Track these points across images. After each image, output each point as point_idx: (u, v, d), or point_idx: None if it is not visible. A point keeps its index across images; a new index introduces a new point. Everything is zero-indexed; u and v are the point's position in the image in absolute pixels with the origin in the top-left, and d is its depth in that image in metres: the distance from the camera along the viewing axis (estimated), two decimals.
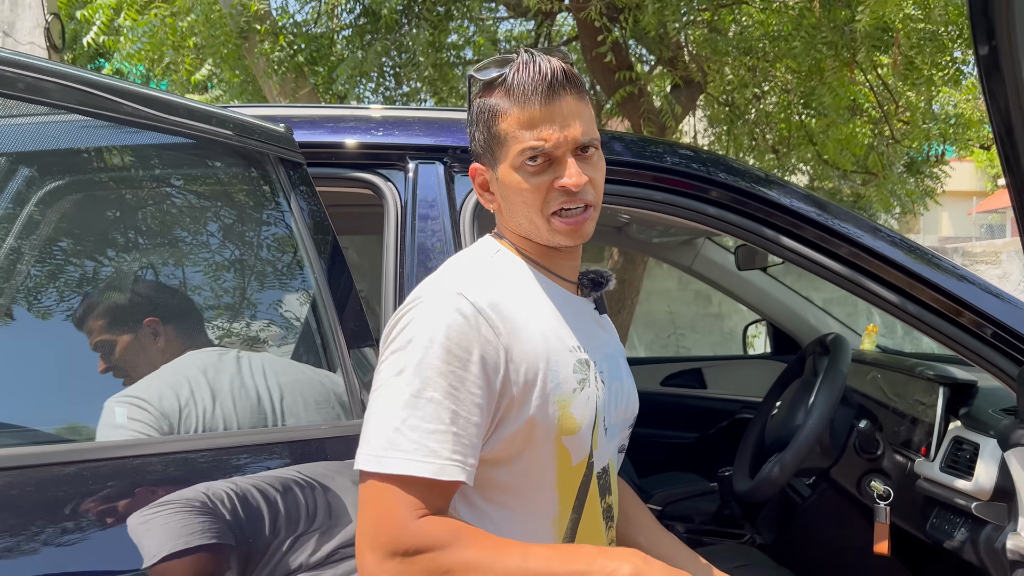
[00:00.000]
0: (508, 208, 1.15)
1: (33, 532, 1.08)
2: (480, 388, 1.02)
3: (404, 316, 1.06)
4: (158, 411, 1.31)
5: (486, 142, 1.14)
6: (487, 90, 1.13)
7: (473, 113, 1.15)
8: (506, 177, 1.12)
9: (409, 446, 0.98)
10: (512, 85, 1.09)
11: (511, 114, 1.10)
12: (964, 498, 1.72)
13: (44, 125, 1.28)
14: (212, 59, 4.93)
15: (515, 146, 1.09)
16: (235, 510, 1.24)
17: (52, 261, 1.36)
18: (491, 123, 1.12)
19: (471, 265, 1.15)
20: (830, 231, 1.66)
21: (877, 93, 5.09)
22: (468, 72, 1.15)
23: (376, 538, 0.98)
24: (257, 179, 1.53)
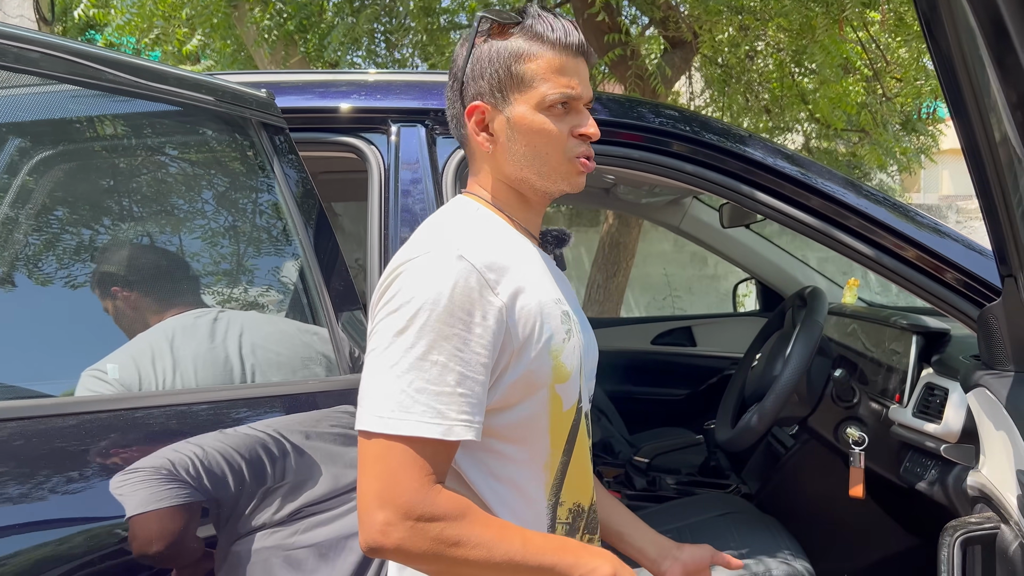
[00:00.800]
0: (515, 150, 1.16)
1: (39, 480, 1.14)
2: (484, 348, 1.05)
3: (401, 276, 1.07)
4: (117, 382, 1.33)
5: (501, 81, 1.14)
6: (502, 32, 1.15)
7: (484, 52, 1.15)
8: (525, 118, 1.14)
9: (417, 408, 1.01)
10: (542, 32, 1.13)
11: (543, 57, 1.13)
12: (934, 441, 1.78)
13: (23, 96, 1.32)
14: (202, 28, 4.92)
15: (545, 88, 1.13)
16: (204, 466, 1.29)
17: (46, 229, 1.41)
18: (514, 62, 1.13)
19: (461, 224, 1.16)
20: (806, 186, 1.70)
21: (868, 50, 5.08)
22: (479, 13, 1.16)
23: (389, 499, 1.01)
24: (239, 144, 1.57)
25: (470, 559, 1.01)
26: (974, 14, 0.87)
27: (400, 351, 1.02)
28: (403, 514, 1.00)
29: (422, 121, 1.75)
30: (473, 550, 1.01)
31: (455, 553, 1.01)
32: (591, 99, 1.18)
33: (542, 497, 1.16)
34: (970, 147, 1.26)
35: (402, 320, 1.03)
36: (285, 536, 1.35)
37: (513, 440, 1.13)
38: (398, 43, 5.31)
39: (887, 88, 5.49)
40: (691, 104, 6.87)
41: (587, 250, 7.61)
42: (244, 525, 1.31)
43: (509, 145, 1.16)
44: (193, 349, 1.43)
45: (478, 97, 1.16)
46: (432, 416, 1.01)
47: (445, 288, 1.03)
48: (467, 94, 1.17)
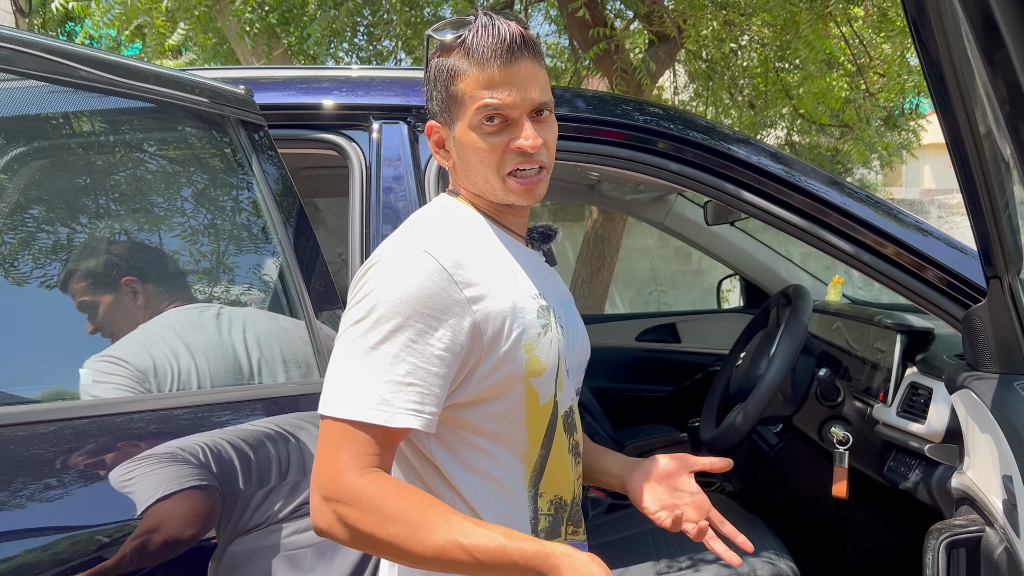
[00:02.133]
0: (464, 166, 1.17)
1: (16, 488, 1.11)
2: (442, 340, 1.05)
3: (367, 272, 1.09)
4: (135, 368, 1.34)
5: (444, 101, 1.16)
6: (445, 51, 1.15)
7: (431, 72, 1.17)
8: (463, 136, 1.14)
9: (363, 395, 1.03)
10: (472, 47, 1.11)
11: (470, 75, 1.12)
12: (918, 441, 1.78)
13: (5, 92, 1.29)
14: (184, 21, 4.86)
15: (473, 105, 1.12)
16: (214, 462, 1.28)
17: (23, 228, 1.38)
18: (449, 83, 1.14)
19: (433, 221, 1.17)
20: (789, 185, 1.69)
21: (852, 46, 5.10)
22: (425, 32, 1.17)
23: (318, 480, 1.03)
24: (218, 142, 1.55)
25: (397, 545, 1.01)
26: (964, 9, 0.86)
27: (354, 340, 1.05)
28: (325, 496, 1.03)
29: (404, 118, 1.73)
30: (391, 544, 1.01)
31: (375, 542, 1.01)
32: (539, 101, 1.13)
33: (521, 489, 1.16)
34: (955, 140, 1.26)
35: (361, 311, 1.06)
36: (285, 535, 1.34)
37: (489, 434, 1.14)
38: (381, 36, 5.26)
39: (870, 83, 5.51)
40: (675, 98, 6.87)
41: (571, 245, 7.60)
42: (245, 523, 1.30)
43: (459, 162, 1.18)
44: (203, 340, 1.44)
45: (433, 116, 1.19)
46: (376, 403, 1.03)
47: (406, 281, 1.05)
48: (428, 113, 1.19)
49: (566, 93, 1.90)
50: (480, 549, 1.00)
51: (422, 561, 1.02)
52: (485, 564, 1.01)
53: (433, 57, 1.16)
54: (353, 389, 1.04)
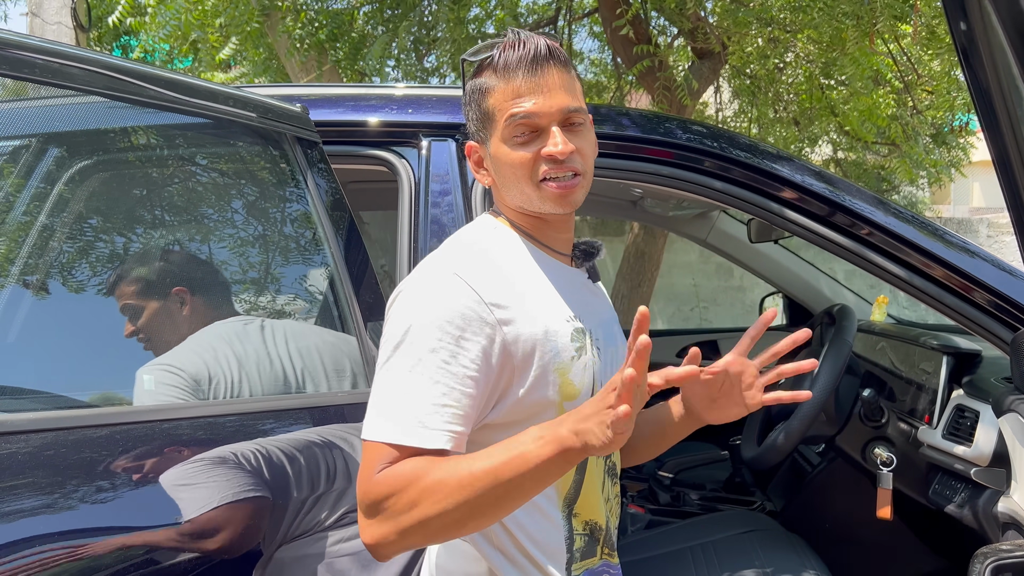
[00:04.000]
0: (501, 181, 1.19)
1: (70, 489, 1.16)
2: (474, 362, 1.07)
3: (400, 296, 1.12)
4: (189, 376, 1.39)
5: (479, 120, 1.19)
6: (478, 71, 1.18)
7: (466, 94, 1.21)
8: (497, 150, 1.16)
9: (401, 417, 1.04)
10: (499, 63, 1.14)
11: (498, 89, 1.14)
12: (964, 464, 1.76)
13: (71, 107, 1.35)
14: (236, 36, 4.98)
15: (502, 118, 1.14)
16: (262, 469, 1.32)
17: (82, 237, 1.44)
18: (480, 100, 1.17)
19: (468, 243, 1.19)
20: (834, 204, 1.69)
21: (899, 63, 5.04)
22: (461, 58, 1.20)
23: (361, 499, 1.05)
24: (275, 158, 1.60)
25: (439, 509, 0.99)
26: (1009, 41, 0.87)
27: (393, 365, 1.07)
28: (365, 509, 1.04)
29: (452, 135, 1.76)
30: (433, 500, 0.99)
31: (420, 514, 1.00)
32: (568, 108, 1.14)
33: (555, 509, 1.17)
34: (1002, 161, 1.26)
35: (396, 335, 1.08)
36: (329, 543, 1.37)
37: None
38: (428, 52, 5.34)
39: (918, 101, 5.44)
40: (719, 115, 6.85)
41: (612, 260, 7.59)
42: (290, 530, 1.33)
43: (496, 178, 1.20)
44: (253, 351, 1.48)
45: (472, 136, 1.22)
46: (414, 426, 1.04)
47: (437, 304, 1.07)
48: (468, 133, 1.23)
49: (610, 111, 1.93)
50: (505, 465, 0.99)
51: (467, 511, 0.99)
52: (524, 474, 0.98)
53: (469, 79, 1.20)
54: (391, 413, 1.05)
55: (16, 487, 1.08)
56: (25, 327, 1.30)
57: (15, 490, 1.08)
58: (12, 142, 1.42)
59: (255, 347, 1.49)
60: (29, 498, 1.10)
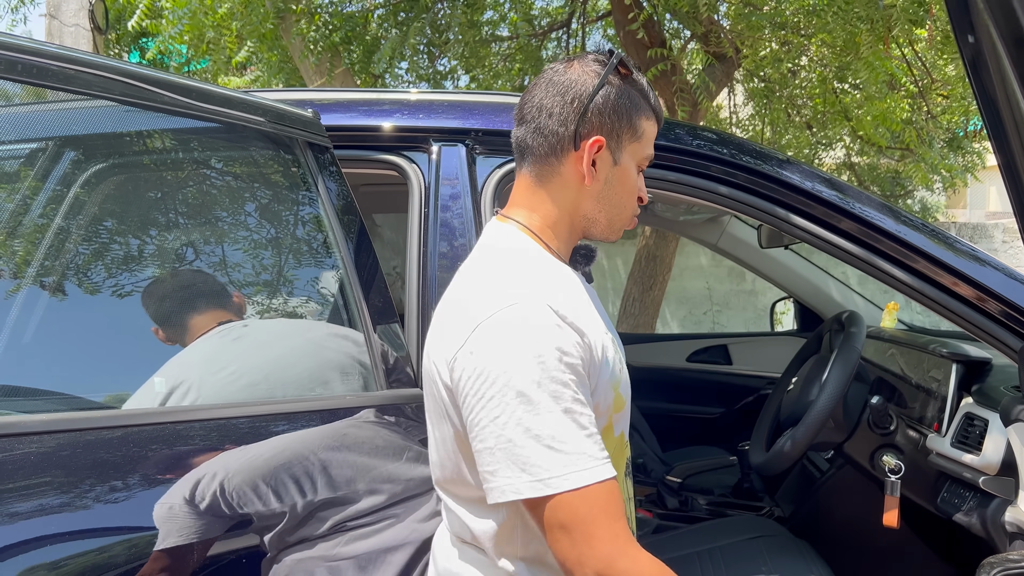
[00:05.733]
0: (605, 192, 1.19)
1: (84, 489, 1.18)
2: (585, 387, 1.06)
3: (497, 330, 1.04)
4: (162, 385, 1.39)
5: (623, 122, 1.17)
6: (628, 80, 1.19)
7: (614, 93, 1.16)
8: (628, 170, 1.20)
9: (575, 460, 1.00)
10: (650, 95, 1.20)
11: (652, 121, 1.20)
12: (973, 472, 1.75)
13: (85, 112, 1.37)
14: (251, 39, 5.02)
15: (646, 150, 1.21)
16: (266, 473, 1.33)
17: (96, 239, 1.46)
18: (635, 116, 1.18)
19: (532, 267, 1.15)
20: (841, 211, 1.69)
21: (914, 68, 5.02)
22: (618, 52, 1.18)
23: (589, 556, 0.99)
24: (286, 162, 1.61)
25: None
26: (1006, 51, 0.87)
27: (528, 411, 1.00)
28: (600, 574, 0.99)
29: (463, 140, 1.77)
30: None
31: None
32: None
33: None
34: (1009, 168, 1.26)
35: (517, 379, 1.01)
36: (328, 548, 1.38)
37: None
38: (441, 55, 5.36)
39: (932, 105, 5.41)
40: (732, 118, 6.84)
41: (624, 263, 7.59)
42: (289, 536, 1.34)
43: (604, 186, 1.18)
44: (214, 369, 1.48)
45: (599, 131, 1.16)
46: (590, 462, 1.00)
47: (545, 338, 1.02)
48: (589, 123, 1.16)
49: None
50: None
51: None
52: None
53: (615, 80, 1.17)
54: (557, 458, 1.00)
55: (30, 487, 1.10)
56: (39, 329, 1.32)
57: (29, 490, 1.10)
58: (28, 145, 1.45)
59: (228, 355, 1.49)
60: (42, 498, 1.12)
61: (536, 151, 1.18)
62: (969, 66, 1.00)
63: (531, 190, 1.20)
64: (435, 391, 1.14)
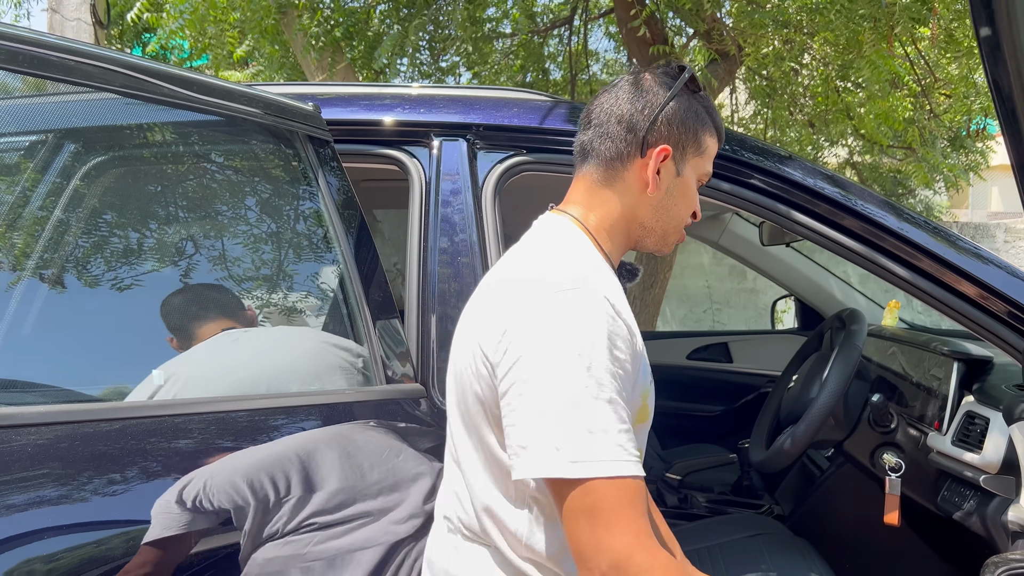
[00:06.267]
0: (665, 202, 1.21)
1: (81, 481, 1.17)
2: (627, 384, 1.05)
3: (553, 309, 1.03)
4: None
5: (689, 135, 1.20)
6: (695, 94, 1.22)
7: (683, 105, 1.19)
8: (689, 183, 1.22)
9: (612, 449, 0.98)
10: (718, 118, 1.24)
11: (715, 138, 1.24)
12: (973, 471, 1.75)
13: (86, 104, 1.37)
14: (252, 33, 5.01)
15: (708, 166, 1.24)
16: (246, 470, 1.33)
17: (96, 232, 1.46)
18: (702, 130, 1.21)
19: (588, 258, 1.15)
20: (844, 208, 1.69)
21: (917, 66, 5.01)
22: (690, 67, 1.23)
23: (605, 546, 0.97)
24: (287, 156, 1.61)
25: None
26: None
27: (573, 390, 0.99)
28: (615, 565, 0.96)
29: (464, 135, 1.77)
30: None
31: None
32: None
33: None
34: (1021, 166, 1.25)
35: (565, 357, 1.00)
36: (300, 546, 1.36)
37: None
38: (444, 51, 5.35)
39: (935, 104, 5.40)
40: (734, 116, 6.82)
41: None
42: (263, 534, 1.32)
43: (665, 196, 1.20)
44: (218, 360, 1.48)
45: (667, 141, 1.18)
46: (624, 455, 0.99)
47: (599, 324, 1.02)
48: (658, 132, 1.18)
49: None
50: None
51: None
52: None
53: (684, 94, 1.20)
54: (594, 445, 0.98)
55: (28, 479, 1.10)
56: (38, 321, 1.31)
57: (27, 481, 1.10)
58: (28, 137, 1.44)
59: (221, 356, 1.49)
60: (41, 490, 1.11)
61: (602, 154, 1.20)
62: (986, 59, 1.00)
63: (591, 191, 1.22)
64: (473, 369, 1.11)
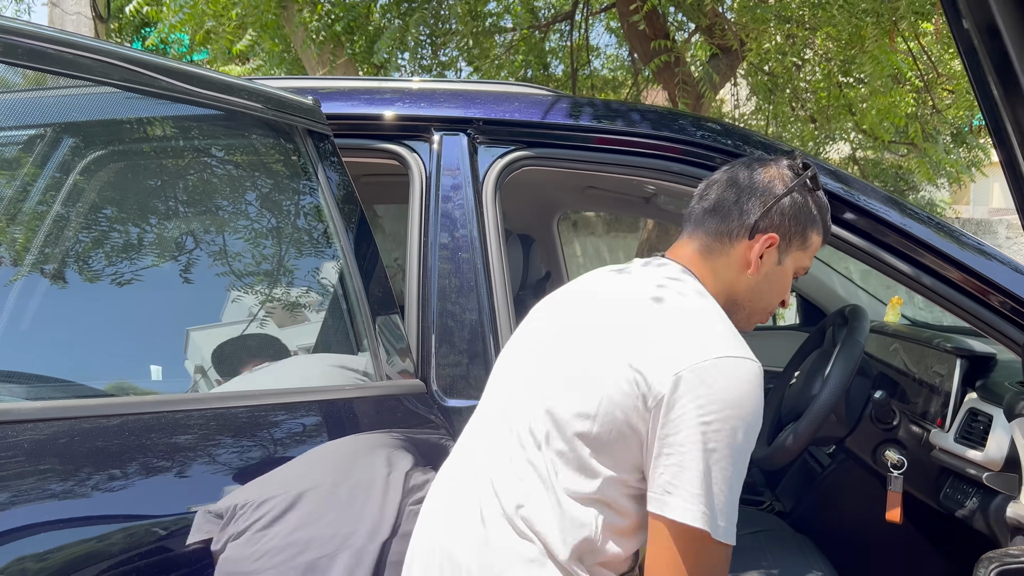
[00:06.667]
0: (764, 285, 1.30)
1: (82, 477, 1.17)
2: None
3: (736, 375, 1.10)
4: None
5: (798, 229, 1.29)
6: (815, 195, 1.31)
7: (800, 201, 1.29)
8: (785, 273, 1.31)
9: (734, 517, 1.11)
10: (828, 218, 1.34)
11: (821, 237, 1.33)
12: (976, 468, 1.74)
13: (85, 98, 1.36)
14: (253, 27, 5.00)
15: (808, 261, 1.32)
16: None
17: (96, 226, 1.45)
18: (810, 228, 1.30)
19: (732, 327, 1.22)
20: (848, 204, 1.68)
21: (919, 62, 4.99)
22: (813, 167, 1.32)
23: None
24: (286, 150, 1.60)
25: None
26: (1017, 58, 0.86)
27: (730, 461, 1.09)
28: None
29: (464, 130, 1.76)
30: None
31: None
32: None
33: None
34: (1010, 164, 1.24)
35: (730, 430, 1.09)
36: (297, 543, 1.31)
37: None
38: (444, 45, 5.34)
39: (938, 100, 5.38)
40: (736, 112, 6.81)
41: (626, 256, 7.57)
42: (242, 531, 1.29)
43: (762, 279, 1.29)
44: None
45: (776, 230, 1.28)
46: (735, 526, 1.11)
47: (758, 403, 1.11)
48: (770, 219, 1.27)
49: (621, 107, 1.92)
50: None
51: None
52: None
53: (803, 190, 1.29)
54: (729, 514, 1.09)
55: (25, 474, 1.09)
56: (36, 316, 1.31)
57: (23, 477, 1.09)
58: (27, 131, 1.43)
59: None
60: (41, 485, 1.11)
61: (713, 228, 1.30)
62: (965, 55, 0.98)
63: (700, 257, 1.31)
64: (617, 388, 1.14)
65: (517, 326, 1.41)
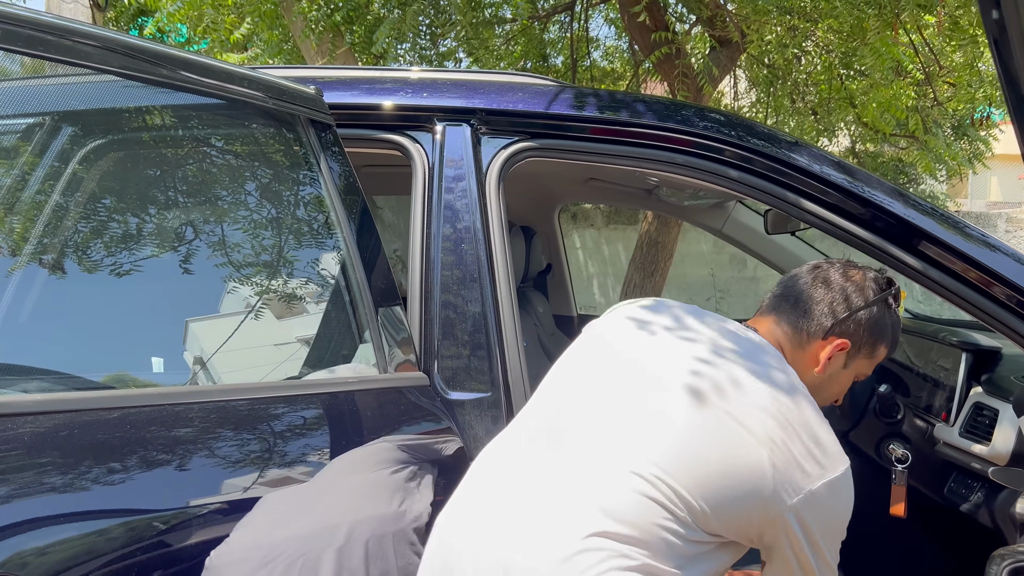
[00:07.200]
0: (825, 383, 1.39)
1: (81, 471, 1.15)
2: None
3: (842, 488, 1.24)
4: None
5: (869, 340, 1.38)
6: (892, 312, 1.40)
7: (877, 315, 1.37)
8: (848, 377, 1.40)
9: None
10: (898, 333, 1.42)
11: (887, 350, 1.42)
12: (981, 463, 1.74)
13: (84, 86, 1.34)
14: (251, 17, 4.96)
15: (870, 370, 1.41)
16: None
17: (95, 216, 1.43)
18: (879, 341, 1.39)
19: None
20: (853, 195, 1.66)
21: (921, 54, 4.97)
22: (898, 286, 1.43)
23: None
24: (288, 140, 1.58)
25: None
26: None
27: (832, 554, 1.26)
28: None
29: (467, 120, 1.74)
30: None
31: None
32: None
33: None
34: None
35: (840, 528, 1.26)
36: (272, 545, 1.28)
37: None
38: (443, 36, 5.31)
39: (939, 93, 5.36)
40: (735, 104, 6.79)
41: (625, 248, 7.56)
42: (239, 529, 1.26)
43: (826, 379, 1.37)
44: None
45: (850, 337, 1.36)
46: None
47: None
48: (845, 327, 1.36)
49: (625, 98, 1.90)
50: None
51: None
52: None
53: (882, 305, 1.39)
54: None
55: (24, 468, 1.08)
56: (35, 308, 1.29)
57: (23, 471, 1.08)
58: (26, 120, 1.42)
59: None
60: (38, 479, 1.09)
61: (795, 320, 1.38)
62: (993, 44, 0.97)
63: (779, 341, 1.38)
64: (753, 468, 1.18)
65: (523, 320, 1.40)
